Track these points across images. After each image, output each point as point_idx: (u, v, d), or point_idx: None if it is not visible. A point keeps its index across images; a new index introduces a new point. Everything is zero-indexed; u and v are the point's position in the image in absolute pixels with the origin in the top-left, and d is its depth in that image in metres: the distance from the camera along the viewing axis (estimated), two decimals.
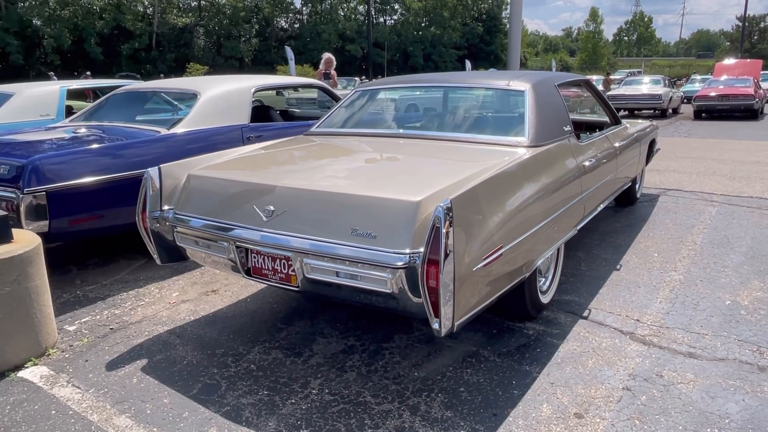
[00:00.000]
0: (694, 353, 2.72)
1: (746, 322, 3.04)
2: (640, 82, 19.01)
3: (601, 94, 4.63)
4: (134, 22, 44.47)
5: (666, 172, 7.50)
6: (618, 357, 2.69)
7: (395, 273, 2.13)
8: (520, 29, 13.70)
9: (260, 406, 2.33)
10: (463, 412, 2.27)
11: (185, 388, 2.49)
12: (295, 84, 6.78)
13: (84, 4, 42.76)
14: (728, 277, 3.69)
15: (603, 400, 2.34)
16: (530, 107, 3.18)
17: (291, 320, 3.17)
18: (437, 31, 60.68)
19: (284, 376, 2.58)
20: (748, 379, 2.48)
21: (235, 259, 2.60)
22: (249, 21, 51.58)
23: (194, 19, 49.66)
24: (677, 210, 5.51)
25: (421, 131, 3.59)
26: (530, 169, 2.78)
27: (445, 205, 1.99)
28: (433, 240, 2.00)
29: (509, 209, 2.45)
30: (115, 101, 5.06)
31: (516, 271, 2.54)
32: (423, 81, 4.34)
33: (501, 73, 4.39)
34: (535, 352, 2.75)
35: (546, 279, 3.25)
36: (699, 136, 12.31)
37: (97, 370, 2.66)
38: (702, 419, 2.20)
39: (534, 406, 2.31)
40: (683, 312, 3.18)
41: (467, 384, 2.48)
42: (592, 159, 3.55)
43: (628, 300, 3.36)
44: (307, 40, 52.64)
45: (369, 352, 2.79)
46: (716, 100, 16.23)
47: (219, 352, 2.82)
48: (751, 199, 5.94)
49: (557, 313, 3.18)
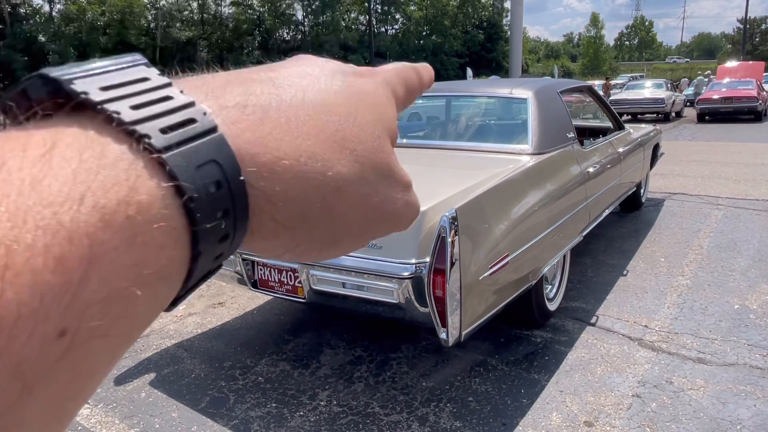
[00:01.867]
0: (703, 359, 2.70)
1: (755, 326, 3.02)
2: (642, 87, 19.03)
3: (604, 99, 4.63)
4: (138, 36, 44.88)
5: (671, 176, 7.48)
6: (627, 363, 2.67)
7: (401, 283, 2.13)
8: (521, 36, 13.74)
9: (269, 419, 2.33)
10: (472, 422, 2.26)
11: (193, 401, 2.49)
12: None
13: (88, 20, 43.22)
14: (736, 281, 3.66)
15: (613, 407, 2.33)
16: (533, 115, 3.19)
17: (298, 332, 3.17)
18: (438, 40, 60.96)
19: (292, 388, 2.57)
20: (759, 383, 2.46)
21: (241, 272, 2.61)
22: (251, 33, 52.00)
23: (197, 32, 50.11)
24: (683, 214, 5.49)
25: (424, 140, 3.60)
26: (534, 177, 2.79)
27: (450, 215, 2.00)
28: (438, 249, 2.00)
29: (514, 217, 2.45)
30: None
31: (522, 279, 2.53)
32: (425, 90, 4.35)
33: (503, 81, 4.41)
34: (543, 360, 2.74)
35: (553, 286, 3.25)
36: (703, 139, 12.28)
37: (105, 385, 2.66)
38: (713, 426, 2.18)
39: (543, 415, 2.29)
40: (691, 317, 3.16)
41: (476, 393, 2.47)
42: (596, 165, 3.54)
43: (636, 306, 3.34)
44: (309, 51, 52.92)
45: (376, 362, 2.78)
46: (719, 103, 16.20)
47: (227, 364, 2.82)
48: (757, 201, 5.91)
49: (565, 320, 3.17)
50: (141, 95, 0.20)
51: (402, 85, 0.32)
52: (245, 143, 0.22)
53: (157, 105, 0.20)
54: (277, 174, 0.22)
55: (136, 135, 0.19)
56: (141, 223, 0.18)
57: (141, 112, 0.19)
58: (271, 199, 0.22)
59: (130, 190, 0.18)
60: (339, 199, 0.24)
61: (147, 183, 0.18)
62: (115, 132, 0.19)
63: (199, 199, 0.19)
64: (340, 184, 0.24)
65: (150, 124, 0.19)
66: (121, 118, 0.19)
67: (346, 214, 0.25)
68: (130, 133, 0.19)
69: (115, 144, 0.18)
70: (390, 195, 0.27)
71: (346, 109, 0.26)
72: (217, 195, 0.20)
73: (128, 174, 0.18)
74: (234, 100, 0.23)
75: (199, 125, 0.20)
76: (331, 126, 0.25)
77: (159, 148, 0.19)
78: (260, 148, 0.22)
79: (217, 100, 0.22)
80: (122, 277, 0.17)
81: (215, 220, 0.20)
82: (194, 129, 0.20)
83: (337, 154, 0.24)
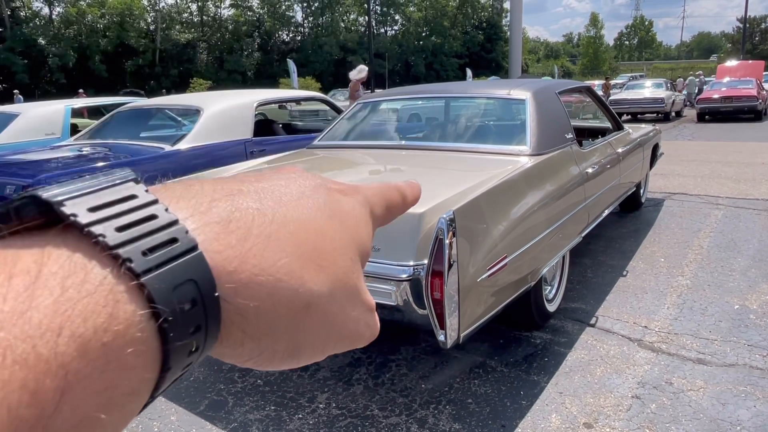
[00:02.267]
0: (703, 359, 2.69)
1: (755, 326, 3.01)
2: (642, 86, 19.03)
3: (603, 99, 4.62)
4: (138, 39, 44.96)
5: (670, 176, 7.47)
6: (626, 364, 2.67)
7: (399, 285, 2.13)
8: (520, 36, 13.74)
9: (267, 422, 2.33)
10: (471, 424, 2.26)
11: (192, 404, 2.49)
12: (298, 97, 6.82)
13: (88, 23, 43.28)
14: (736, 281, 3.66)
15: (612, 408, 2.32)
16: (531, 116, 3.18)
17: None
18: (438, 41, 60.99)
19: (291, 390, 2.57)
20: (759, 384, 2.45)
21: None
22: (251, 35, 52.05)
23: (197, 34, 50.16)
24: (683, 214, 5.49)
25: (423, 142, 3.60)
26: (533, 178, 2.78)
27: (448, 216, 1.99)
28: (436, 251, 2.00)
29: (513, 218, 2.45)
30: (119, 119, 5.10)
31: (521, 280, 2.53)
32: (424, 92, 4.36)
33: (502, 82, 4.40)
34: (542, 362, 2.73)
35: (552, 287, 3.24)
36: (703, 138, 12.28)
37: None
38: (713, 426, 2.17)
39: (543, 417, 2.29)
40: (691, 317, 3.15)
41: (475, 395, 2.47)
42: (595, 165, 3.54)
43: (636, 306, 3.34)
44: (309, 52, 53.00)
45: (375, 364, 2.78)
46: (719, 102, 16.20)
47: (225, 367, 2.82)
48: (757, 201, 5.90)
49: (564, 322, 3.16)
50: (127, 215, 0.21)
51: (382, 206, 0.33)
52: (225, 260, 0.22)
53: (141, 225, 0.21)
54: (252, 290, 0.23)
55: (119, 260, 0.20)
56: (115, 349, 0.19)
57: (125, 234, 0.20)
58: (242, 313, 0.23)
59: (108, 317, 0.19)
60: (307, 315, 0.25)
61: (125, 308, 0.19)
62: (99, 256, 0.20)
63: (173, 320, 0.20)
64: (310, 301, 0.25)
65: (133, 246, 0.20)
66: (106, 242, 0.20)
67: (311, 330, 0.26)
68: (114, 257, 0.20)
69: (98, 268, 0.19)
70: (354, 315, 0.28)
71: (324, 228, 0.27)
72: (191, 313, 0.21)
73: (107, 300, 0.19)
74: (219, 216, 0.23)
75: (180, 245, 0.21)
76: (308, 244, 0.25)
77: (139, 273, 0.20)
78: (239, 264, 0.23)
79: (203, 217, 0.23)
80: (93, 403, 0.18)
81: (188, 337, 0.21)
82: (174, 250, 0.21)
83: (311, 272, 0.25)
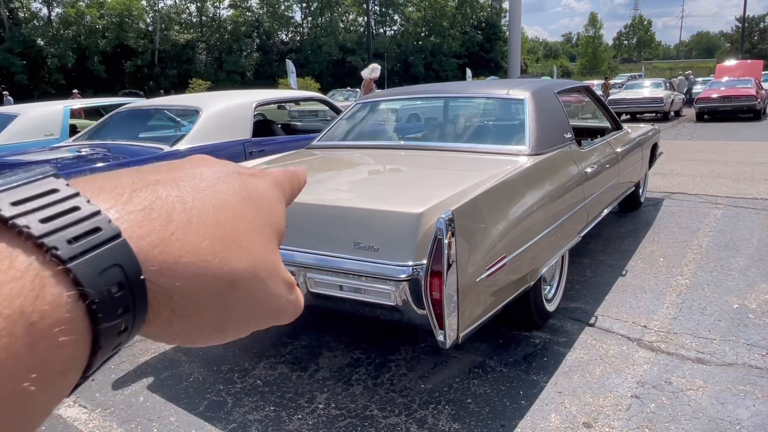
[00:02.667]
0: (702, 359, 2.69)
1: (754, 325, 3.01)
2: (641, 86, 19.03)
3: (602, 99, 4.63)
4: (137, 39, 44.90)
5: (669, 175, 7.47)
6: (626, 364, 2.67)
7: (399, 285, 2.13)
8: (519, 36, 13.74)
9: (267, 423, 2.33)
10: (470, 424, 2.26)
11: (192, 405, 2.49)
12: (297, 97, 6.82)
13: (87, 23, 43.23)
14: (735, 281, 3.66)
15: (612, 408, 2.32)
16: (530, 115, 3.18)
17: (296, 334, 3.17)
18: (437, 41, 60.96)
19: (290, 391, 2.57)
20: (758, 383, 2.46)
21: None
22: (250, 35, 52.01)
23: (195, 35, 50.12)
24: (682, 213, 5.49)
25: (422, 142, 3.60)
26: (532, 178, 2.78)
27: (447, 217, 1.99)
28: (435, 251, 2.00)
29: (512, 218, 2.45)
30: (118, 119, 5.10)
31: (520, 280, 2.53)
32: (423, 92, 4.36)
33: (500, 82, 4.41)
34: (542, 361, 2.73)
35: (551, 287, 3.24)
36: (702, 138, 12.28)
37: (103, 390, 2.66)
38: (712, 426, 2.17)
39: (542, 416, 2.29)
40: (690, 317, 3.16)
41: (474, 395, 2.47)
42: (594, 165, 3.54)
43: (635, 306, 3.34)
44: (308, 52, 52.99)
45: (375, 364, 2.78)
46: (718, 102, 16.21)
47: (225, 368, 2.81)
48: (756, 200, 5.91)
49: (563, 321, 3.16)
50: (50, 207, 0.22)
51: (289, 184, 0.36)
52: (149, 245, 0.24)
53: (65, 217, 0.22)
54: (177, 271, 0.25)
55: (44, 248, 0.21)
56: (44, 328, 0.20)
57: (49, 225, 0.21)
58: (169, 293, 0.24)
59: (35, 298, 0.20)
60: (232, 292, 0.27)
61: (52, 291, 0.20)
62: (25, 245, 0.21)
63: (101, 302, 0.22)
64: (234, 279, 0.27)
65: (58, 235, 0.21)
66: (31, 232, 0.21)
67: (236, 307, 0.28)
68: (39, 246, 0.21)
69: (24, 256, 0.20)
70: (275, 292, 0.30)
71: (241, 210, 0.29)
72: (118, 295, 0.22)
73: (33, 284, 0.20)
74: (140, 204, 0.25)
75: (104, 233, 0.22)
76: (228, 226, 0.27)
77: (65, 259, 0.21)
78: (164, 248, 0.24)
79: (125, 206, 0.25)
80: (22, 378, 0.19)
81: (116, 318, 0.22)
82: (99, 238, 0.22)
83: (233, 252, 0.27)
